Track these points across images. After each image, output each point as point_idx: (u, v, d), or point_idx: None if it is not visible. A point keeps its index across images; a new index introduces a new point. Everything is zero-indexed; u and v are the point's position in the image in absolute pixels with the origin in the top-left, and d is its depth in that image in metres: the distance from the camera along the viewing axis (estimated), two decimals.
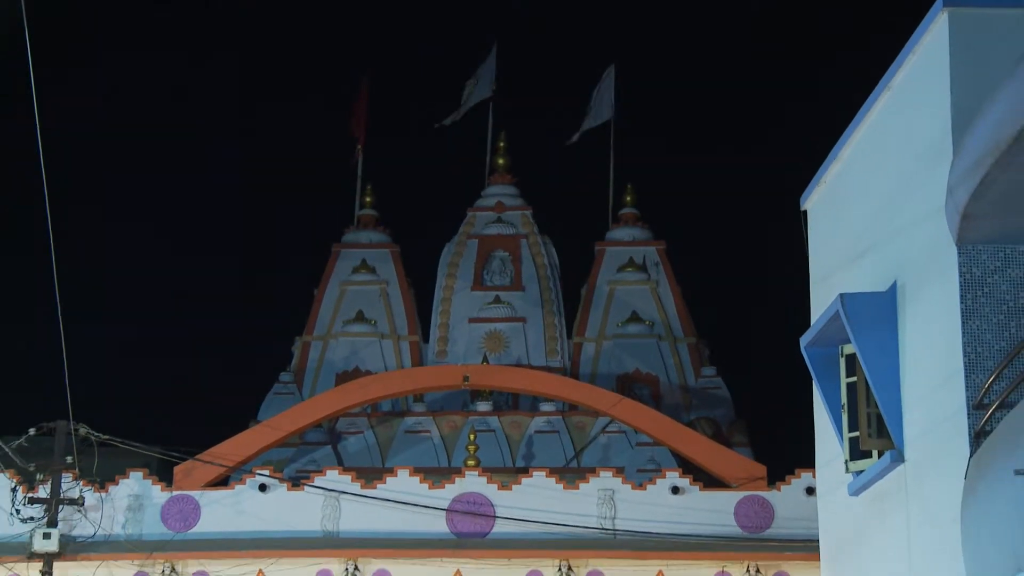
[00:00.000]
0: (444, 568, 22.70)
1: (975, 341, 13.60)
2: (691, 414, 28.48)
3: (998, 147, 11.96)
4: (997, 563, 11.63)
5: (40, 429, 22.03)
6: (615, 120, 32.67)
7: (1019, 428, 11.18)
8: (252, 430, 25.83)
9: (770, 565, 22.49)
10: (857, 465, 16.26)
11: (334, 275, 31.25)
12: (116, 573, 22.54)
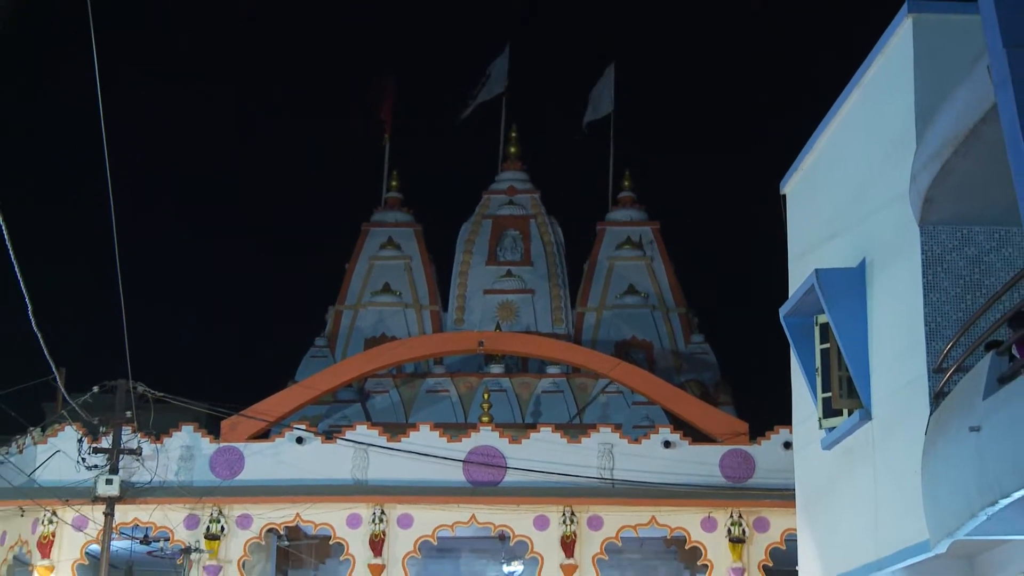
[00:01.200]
0: (460, 512, 22.77)
1: (935, 312, 13.60)
2: (681, 376, 28.50)
3: (957, 138, 11.94)
4: (953, 510, 11.64)
5: (103, 387, 22.07)
6: (614, 113, 32.63)
7: (974, 390, 11.16)
8: (290, 389, 25.88)
9: (751, 511, 22.52)
10: (829, 422, 16.27)
11: (363, 251, 31.28)
12: (169, 515, 22.65)
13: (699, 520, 22.62)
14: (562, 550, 22.44)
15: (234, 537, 22.65)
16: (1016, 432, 10.17)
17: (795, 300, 16.74)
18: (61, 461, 22.46)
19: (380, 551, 22.46)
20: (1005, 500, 10.37)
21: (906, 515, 13.59)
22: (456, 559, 26.62)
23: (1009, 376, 10.71)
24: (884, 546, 14.63)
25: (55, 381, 19.58)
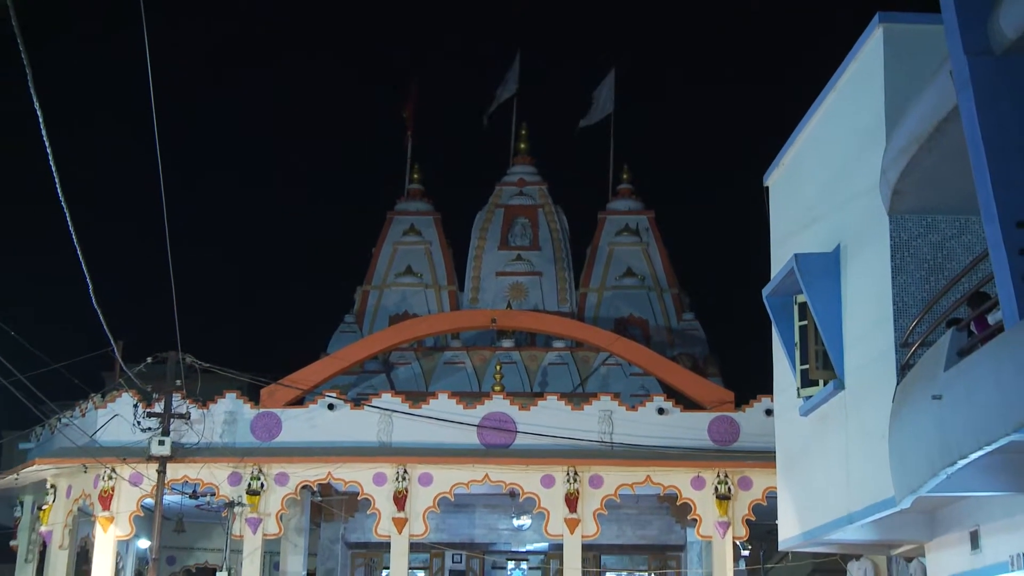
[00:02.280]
0: (475, 472, 22.83)
1: (902, 292, 13.61)
2: (674, 350, 28.50)
3: (922, 136, 11.94)
4: (916, 470, 11.67)
5: (155, 358, 22.15)
6: (614, 113, 32.60)
7: (936, 362, 11.18)
8: (322, 361, 25.92)
9: (736, 471, 22.56)
10: (807, 391, 16.27)
11: (388, 237, 31.29)
12: (215, 473, 22.73)
13: (689, 479, 22.65)
14: (566, 506, 22.47)
15: (273, 493, 22.72)
16: (973, 400, 10.20)
17: (776, 281, 16.75)
18: (119, 424, 22.53)
19: (403, 506, 22.51)
20: (963, 461, 10.41)
21: (874, 474, 13.64)
22: (471, 513, 26.75)
23: (968, 350, 10.75)
24: (855, 502, 14.68)
25: (113, 353, 19.68)
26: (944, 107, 11.15)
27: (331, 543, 26.95)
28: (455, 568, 27.04)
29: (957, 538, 14.21)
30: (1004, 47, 9.94)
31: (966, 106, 10.18)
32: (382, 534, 22.86)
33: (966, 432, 10.24)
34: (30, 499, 24.74)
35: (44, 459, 23.38)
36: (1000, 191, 9.83)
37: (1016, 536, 12.58)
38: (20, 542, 25.17)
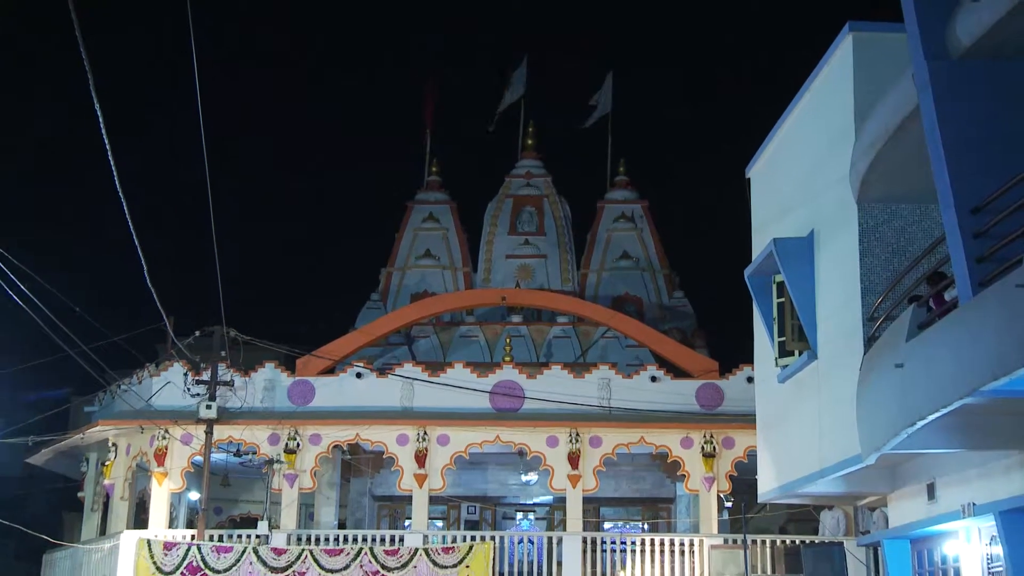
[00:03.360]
0: (487, 433, 22.80)
1: (869, 273, 13.69)
2: (665, 325, 28.48)
3: (887, 133, 12.00)
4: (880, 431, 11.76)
5: (203, 332, 22.19)
6: (612, 112, 32.57)
7: (899, 335, 11.26)
8: (351, 334, 25.90)
9: (720, 432, 22.50)
10: (784, 361, 16.36)
11: (409, 224, 31.30)
12: (256, 434, 22.73)
13: (679, 439, 22.59)
14: (568, 463, 22.44)
15: (307, 452, 22.70)
16: (931, 368, 10.29)
17: (757, 263, 16.83)
18: (171, 390, 22.56)
19: (423, 463, 22.51)
20: (921, 422, 10.50)
21: (843, 434, 13.75)
22: (484, 470, 26.81)
23: (927, 323, 10.84)
24: (825, 459, 14.79)
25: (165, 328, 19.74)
26: (907, 106, 11.21)
27: (359, 496, 27.08)
28: (470, 518, 27.09)
29: (915, 490, 14.34)
30: (960, 52, 9.99)
31: (926, 106, 10.24)
32: (405, 488, 22.84)
33: (924, 396, 10.33)
34: (95, 456, 24.88)
35: (106, 421, 23.42)
36: (956, 182, 9.91)
37: (967, 488, 12.69)
38: (87, 494, 25.33)
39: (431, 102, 33.23)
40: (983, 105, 9.86)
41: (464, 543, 21.03)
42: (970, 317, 9.59)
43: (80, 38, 9.18)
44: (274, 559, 20.73)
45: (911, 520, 14.50)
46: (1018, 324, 8.61)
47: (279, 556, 20.80)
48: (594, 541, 22.12)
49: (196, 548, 20.82)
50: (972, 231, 9.76)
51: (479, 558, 20.51)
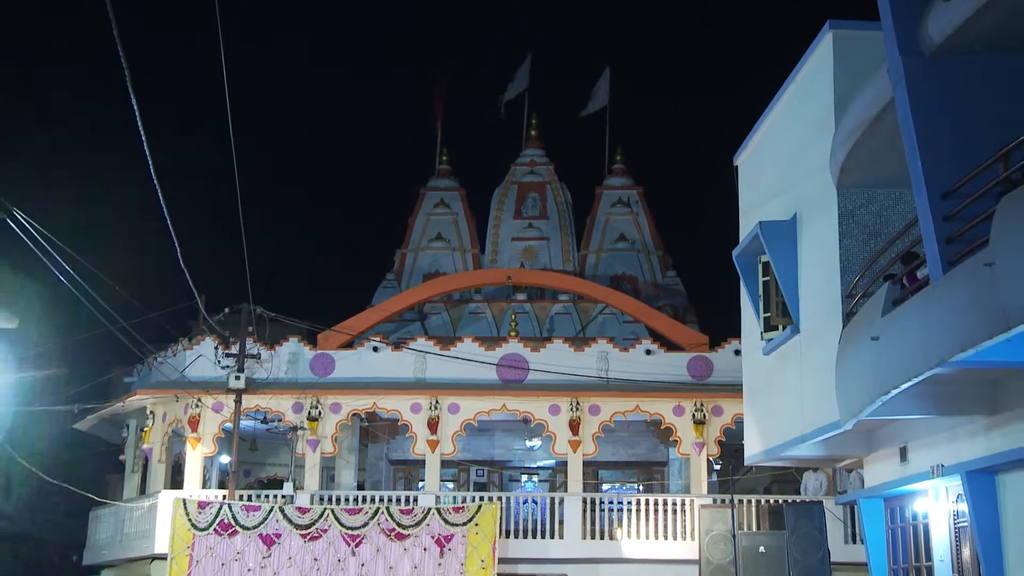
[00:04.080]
0: (494, 402, 22.93)
1: (847, 253, 13.67)
2: (659, 302, 28.52)
3: (865, 123, 12.00)
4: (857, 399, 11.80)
5: (232, 309, 22.26)
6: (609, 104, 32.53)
7: (875, 310, 11.29)
8: (368, 311, 26.00)
9: (710, 401, 22.64)
10: (769, 335, 16.33)
11: (421, 209, 31.32)
12: (281, 403, 22.89)
13: (671, 407, 22.73)
14: (569, 430, 22.59)
15: (328, 419, 22.87)
16: (904, 341, 10.33)
17: (744, 244, 16.80)
18: (203, 363, 22.70)
19: (435, 430, 22.68)
20: (895, 390, 10.55)
21: (823, 402, 13.76)
22: (491, 436, 26.91)
23: (900, 300, 10.87)
24: (807, 425, 14.80)
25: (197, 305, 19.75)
26: (882, 99, 11.22)
27: (376, 460, 27.20)
28: (478, 480, 27.20)
29: (889, 453, 14.38)
30: (932, 49, 10.00)
31: (900, 98, 10.26)
32: (418, 453, 22.99)
33: (898, 367, 10.38)
34: (134, 422, 24.99)
35: (144, 390, 23.55)
36: (928, 169, 9.93)
37: (936, 450, 12.74)
38: (127, 457, 25.46)
39: (441, 96, 33.20)
40: (953, 98, 9.87)
41: (473, 503, 21.17)
42: (940, 294, 9.63)
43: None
44: (299, 517, 20.89)
45: (885, 480, 14.53)
46: (984, 300, 8.66)
47: (303, 514, 20.96)
48: (593, 501, 22.28)
49: (227, 507, 21.00)
50: (942, 214, 9.78)
51: (487, 517, 20.63)
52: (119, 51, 9.40)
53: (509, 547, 21.30)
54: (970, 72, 9.86)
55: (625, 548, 21.64)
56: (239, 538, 20.68)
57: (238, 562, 20.54)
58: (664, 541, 21.57)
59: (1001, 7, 9.18)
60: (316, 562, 20.51)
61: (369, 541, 20.59)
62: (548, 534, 21.80)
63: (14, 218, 11.85)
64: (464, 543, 20.47)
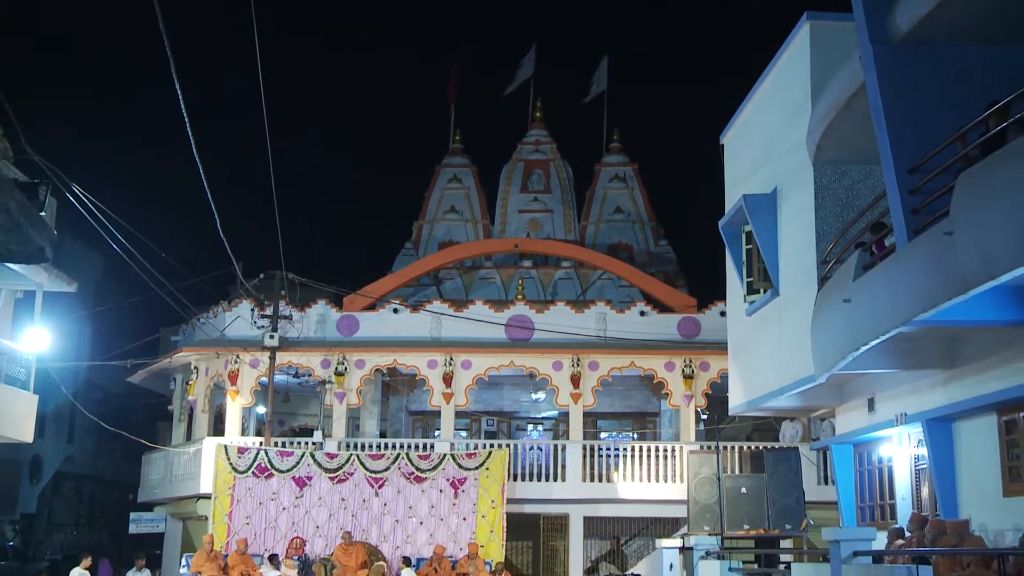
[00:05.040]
0: (503, 358, 22.97)
1: (822, 223, 13.74)
2: (652, 268, 28.50)
3: (838, 105, 12.02)
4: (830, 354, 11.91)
5: (266, 275, 22.34)
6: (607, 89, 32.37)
7: (847, 275, 11.37)
8: (389, 276, 26.00)
9: (698, 357, 22.67)
10: (751, 298, 16.41)
11: (437, 184, 31.22)
12: (311, 359, 22.97)
13: (663, 363, 22.79)
14: (571, 383, 22.68)
15: (353, 374, 22.95)
16: (873, 303, 10.42)
17: (729, 215, 16.85)
18: (240, 323, 22.79)
19: (450, 384, 22.76)
20: (864, 347, 10.66)
21: (800, 358, 13.86)
22: (500, 389, 26.92)
23: (870, 265, 10.95)
24: (785, 379, 14.92)
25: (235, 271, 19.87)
26: (854, 84, 11.24)
27: (397, 411, 27.31)
28: (488, 429, 27.24)
29: (858, 403, 14.52)
30: (899, 38, 10.01)
31: (871, 83, 10.29)
32: (434, 404, 23.08)
33: (867, 326, 10.48)
34: (180, 376, 25.15)
35: (188, 348, 23.68)
36: (895, 147, 9.99)
37: (900, 401, 12.88)
38: (174, 407, 25.61)
39: (455, 81, 33.08)
40: (918, 83, 9.89)
41: (484, 450, 21.31)
42: (905, 260, 9.71)
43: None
44: (327, 461, 21.08)
45: (854, 428, 14.69)
46: (944, 265, 8.74)
47: (331, 459, 21.15)
48: (592, 448, 22.39)
49: (264, 452, 21.20)
50: (908, 188, 9.85)
51: (497, 462, 20.78)
52: (163, 39, 9.45)
53: (516, 489, 21.45)
54: (933, 59, 9.87)
55: (621, 490, 21.79)
56: (275, 480, 20.89)
57: (274, 501, 20.76)
58: (656, 483, 21.71)
59: (958, 2, 9.20)
60: (343, 502, 20.71)
61: (391, 483, 20.77)
62: (551, 477, 21.93)
63: (74, 194, 11.95)
64: (476, 485, 20.61)
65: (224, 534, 20.36)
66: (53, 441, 30.60)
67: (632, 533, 22.47)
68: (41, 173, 11.32)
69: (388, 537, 20.42)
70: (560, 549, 22.21)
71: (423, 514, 20.53)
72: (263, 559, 19.75)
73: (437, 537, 20.19)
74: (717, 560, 14.92)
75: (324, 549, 20.16)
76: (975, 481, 11.18)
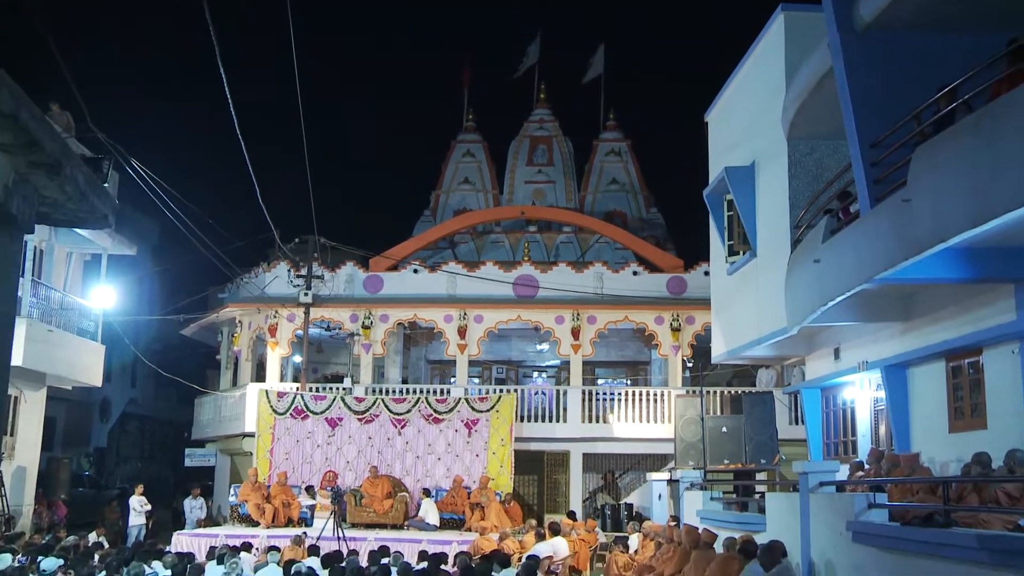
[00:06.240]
0: (511, 313, 23.01)
1: (795, 192, 13.78)
2: (644, 233, 28.50)
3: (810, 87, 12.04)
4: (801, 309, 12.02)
5: (300, 239, 22.38)
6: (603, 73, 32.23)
7: (816, 239, 11.43)
8: (409, 240, 26.00)
9: (684, 312, 22.66)
10: (732, 259, 16.48)
11: (452, 158, 31.21)
12: (340, 314, 23.03)
13: (653, 318, 22.81)
14: (571, 335, 22.73)
15: (378, 327, 22.97)
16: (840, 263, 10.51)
17: (713, 185, 16.89)
18: (278, 282, 22.84)
19: (464, 336, 22.82)
20: (832, 302, 10.76)
21: (775, 312, 13.96)
22: (508, 341, 27.09)
23: (836, 230, 11.01)
24: (761, 330, 15.03)
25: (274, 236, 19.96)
26: (824, 68, 11.26)
27: (417, 360, 27.57)
28: (498, 376, 27.45)
29: (825, 352, 14.62)
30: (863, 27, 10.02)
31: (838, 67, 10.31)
32: (450, 354, 23.17)
33: (834, 284, 10.58)
34: (226, 329, 25.25)
35: (233, 304, 23.79)
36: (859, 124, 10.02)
37: (862, 350, 12.99)
38: (222, 357, 25.73)
39: (468, 67, 32.97)
40: (880, 66, 9.89)
41: (494, 394, 21.43)
42: (868, 225, 9.77)
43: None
44: (356, 404, 21.28)
45: (821, 374, 14.79)
46: (902, 229, 8.82)
47: (359, 403, 21.35)
48: (590, 393, 22.53)
49: (300, 396, 21.40)
50: (871, 161, 9.88)
51: (506, 405, 20.92)
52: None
53: (523, 429, 21.59)
54: (893, 46, 9.85)
55: (616, 429, 21.95)
56: (310, 421, 21.11)
57: (309, 439, 21.00)
58: (647, 424, 21.85)
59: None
60: (370, 440, 20.92)
61: (412, 424, 20.94)
62: (554, 418, 22.08)
63: (133, 168, 12.07)
64: (487, 426, 20.73)
65: (266, 468, 20.63)
66: (119, 386, 31.08)
67: (625, 468, 22.66)
68: (103, 148, 11.43)
69: (410, 471, 20.64)
70: (562, 482, 22.43)
71: (440, 451, 20.71)
72: (301, 490, 20.03)
73: (453, 471, 20.37)
74: (700, 491, 15.12)
75: (354, 481, 20.37)
76: (925, 420, 11.33)
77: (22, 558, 11.62)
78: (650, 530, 15.41)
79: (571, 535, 16.15)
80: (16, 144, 6.08)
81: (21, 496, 18.19)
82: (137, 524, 19.91)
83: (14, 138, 5.99)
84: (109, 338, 20.43)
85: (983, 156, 7.53)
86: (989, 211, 7.45)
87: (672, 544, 13.43)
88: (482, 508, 18.65)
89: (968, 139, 7.78)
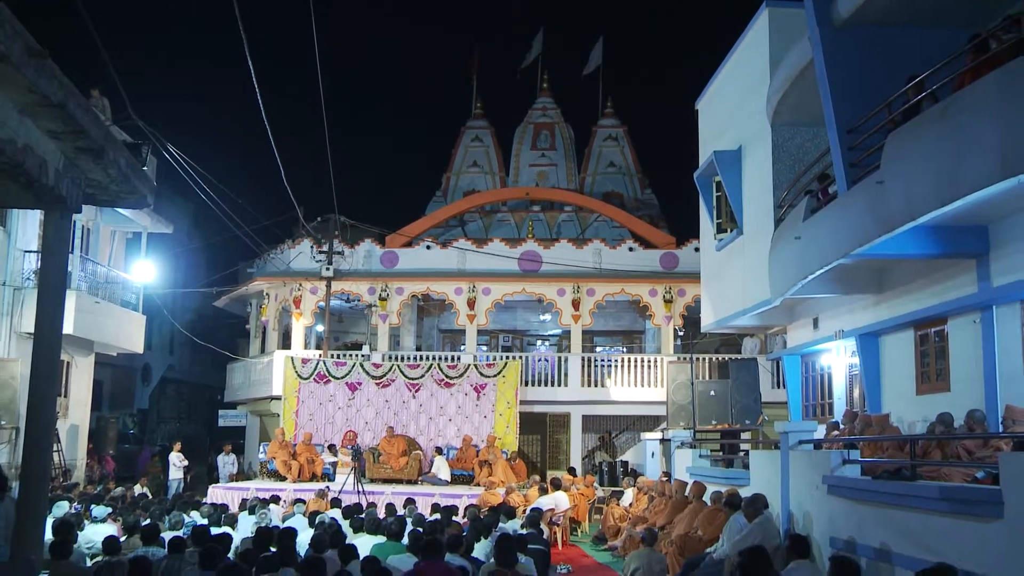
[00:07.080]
0: (516, 286, 23.03)
1: (778, 174, 13.77)
2: (639, 212, 28.51)
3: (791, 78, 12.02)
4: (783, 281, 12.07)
5: (323, 218, 22.45)
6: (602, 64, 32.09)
7: (797, 217, 11.46)
8: (423, 219, 26.01)
9: (676, 285, 22.69)
10: (720, 236, 16.45)
11: (461, 143, 31.15)
12: (359, 287, 23.07)
13: (647, 290, 22.85)
14: (572, 307, 22.77)
15: (394, 299, 23.04)
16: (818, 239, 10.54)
17: (703, 168, 16.85)
18: (302, 257, 22.91)
19: (473, 307, 22.86)
20: (811, 276, 10.80)
21: (759, 285, 14.01)
22: (514, 312, 27.20)
23: (816, 209, 11.03)
24: (747, 302, 15.07)
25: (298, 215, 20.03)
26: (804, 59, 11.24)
27: (430, 329, 27.67)
28: (505, 344, 27.56)
29: (805, 322, 14.67)
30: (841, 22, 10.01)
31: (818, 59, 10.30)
32: (460, 324, 23.24)
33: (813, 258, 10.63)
34: (255, 301, 25.30)
35: (261, 278, 23.81)
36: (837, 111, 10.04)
37: (838, 320, 13.05)
38: (251, 326, 25.79)
39: (476, 59, 32.82)
40: (856, 59, 9.88)
41: (501, 361, 21.51)
42: (845, 205, 9.81)
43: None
44: (374, 370, 21.39)
45: (801, 343, 14.84)
46: (876, 209, 8.87)
47: (377, 368, 21.46)
48: (590, 359, 22.61)
49: (323, 362, 21.52)
50: (847, 145, 9.90)
51: (512, 370, 20.99)
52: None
53: (527, 392, 21.71)
54: (869, 39, 9.84)
55: (613, 393, 22.08)
56: (331, 385, 21.24)
57: (331, 402, 21.15)
58: (641, 388, 21.98)
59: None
60: (387, 403, 21.05)
61: (425, 388, 21.05)
62: (556, 383, 22.20)
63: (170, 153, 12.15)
64: (495, 390, 20.83)
65: (292, 428, 20.78)
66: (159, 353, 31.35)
67: (621, 428, 22.84)
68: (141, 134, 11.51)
69: (423, 431, 20.77)
70: (563, 441, 22.63)
71: (451, 413, 20.84)
72: (324, 448, 20.22)
73: (463, 431, 20.49)
74: (690, 449, 15.26)
75: (372, 440, 20.50)
76: (895, 383, 11.41)
77: (77, 505, 11.92)
78: (644, 485, 15.59)
79: (571, 489, 16.33)
80: (64, 131, 6.21)
81: (75, 451, 18.49)
82: (176, 478, 20.18)
83: (63, 126, 6.12)
84: (149, 309, 20.60)
85: (949, 142, 7.57)
86: (954, 192, 7.51)
87: (664, 497, 13.63)
88: (490, 465, 18.82)
89: (935, 127, 7.82)
